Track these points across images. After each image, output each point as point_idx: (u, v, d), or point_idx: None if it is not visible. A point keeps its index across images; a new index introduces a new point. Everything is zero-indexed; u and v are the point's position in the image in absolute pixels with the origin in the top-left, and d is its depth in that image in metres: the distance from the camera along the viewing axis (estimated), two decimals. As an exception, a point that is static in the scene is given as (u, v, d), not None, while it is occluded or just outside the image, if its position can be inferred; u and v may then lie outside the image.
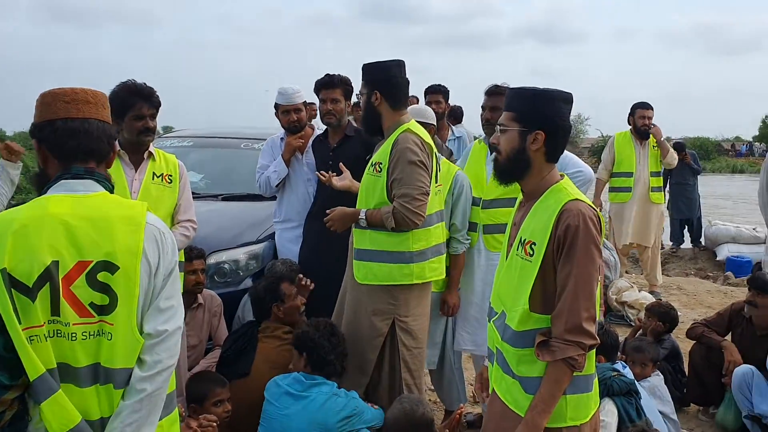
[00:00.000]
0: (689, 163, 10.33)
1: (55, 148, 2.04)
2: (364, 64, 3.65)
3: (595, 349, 2.36)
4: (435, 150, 3.65)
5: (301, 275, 4.16)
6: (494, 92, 4.11)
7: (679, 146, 10.77)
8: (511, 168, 2.42)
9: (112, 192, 2.11)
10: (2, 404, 1.85)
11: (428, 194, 3.51)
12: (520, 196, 2.53)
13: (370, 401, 3.53)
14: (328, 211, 3.71)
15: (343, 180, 3.88)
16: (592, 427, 2.42)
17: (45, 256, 1.90)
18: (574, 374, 2.29)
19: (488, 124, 4.11)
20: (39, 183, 2.06)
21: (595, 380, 2.45)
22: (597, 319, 2.30)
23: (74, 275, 1.92)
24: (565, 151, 4.02)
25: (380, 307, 3.55)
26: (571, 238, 2.25)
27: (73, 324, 1.93)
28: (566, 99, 2.39)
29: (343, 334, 3.55)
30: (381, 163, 3.51)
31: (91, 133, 2.06)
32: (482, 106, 4.21)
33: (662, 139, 7.44)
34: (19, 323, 1.86)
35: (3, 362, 1.87)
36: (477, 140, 4.58)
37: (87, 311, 1.94)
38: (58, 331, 1.92)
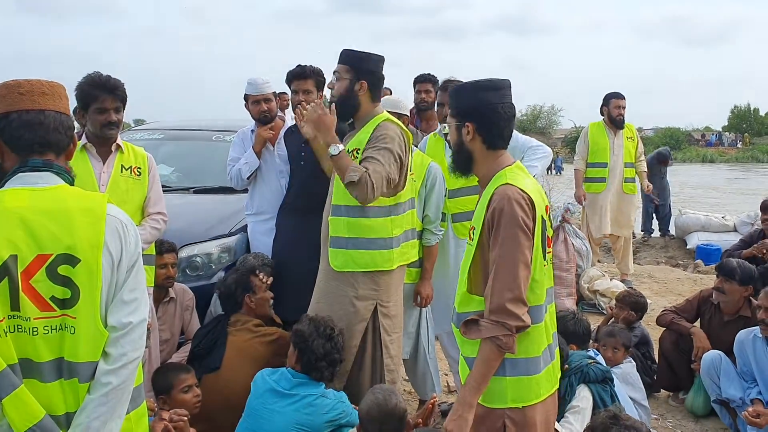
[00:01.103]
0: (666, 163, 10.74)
1: (11, 140, 2.00)
2: (349, 50, 3.58)
3: (528, 331, 2.36)
4: (410, 140, 3.65)
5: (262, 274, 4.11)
6: (443, 88, 4.34)
7: (663, 158, 11.09)
8: (458, 160, 2.56)
9: (72, 184, 2.07)
10: None
11: (391, 185, 3.45)
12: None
13: (352, 389, 3.51)
14: (310, 107, 3.53)
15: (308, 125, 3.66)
16: (542, 412, 2.44)
17: (2, 251, 1.86)
18: (515, 356, 2.33)
19: (444, 119, 4.24)
20: None
21: (553, 364, 2.48)
22: (525, 300, 2.31)
23: (33, 269, 1.89)
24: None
25: (363, 292, 3.52)
26: (497, 220, 2.31)
27: (34, 318, 1.90)
28: (492, 86, 2.45)
29: (342, 344, 3.41)
30: (358, 149, 3.48)
31: (47, 125, 2.03)
32: (439, 103, 4.30)
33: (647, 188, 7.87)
34: None
35: None
36: (432, 134, 4.74)
37: (48, 305, 1.91)
38: (19, 326, 1.89)
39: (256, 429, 3.26)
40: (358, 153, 3.48)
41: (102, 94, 3.54)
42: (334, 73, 3.60)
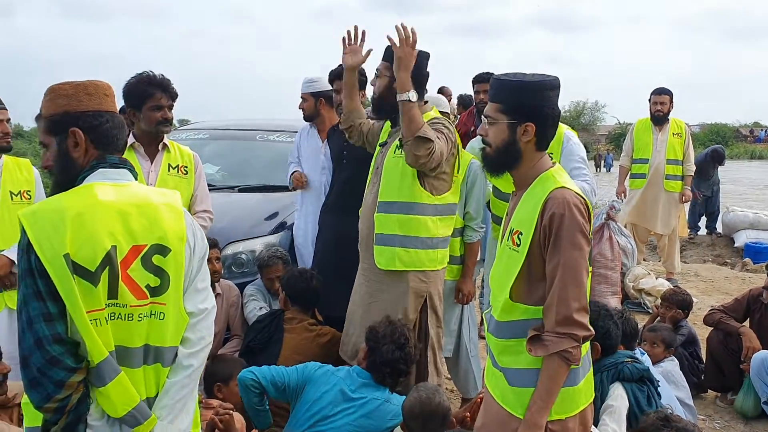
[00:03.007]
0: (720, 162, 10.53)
1: (101, 138, 2.09)
2: (388, 47, 3.50)
3: (588, 342, 2.32)
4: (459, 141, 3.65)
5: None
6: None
7: (719, 156, 10.82)
8: (501, 160, 2.38)
9: (136, 180, 2.18)
10: (69, 387, 1.91)
11: (443, 157, 3.40)
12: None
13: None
14: (401, 40, 3.28)
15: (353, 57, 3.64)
16: (581, 422, 2.37)
17: (105, 242, 1.96)
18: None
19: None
20: (67, 169, 2.08)
21: (588, 374, 2.40)
22: (588, 309, 2.24)
23: (130, 259, 2.01)
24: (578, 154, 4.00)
25: (415, 285, 3.51)
26: (556, 227, 2.20)
27: (131, 306, 2.01)
28: (552, 86, 2.32)
29: (416, 356, 3.34)
30: None
31: (122, 126, 2.17)
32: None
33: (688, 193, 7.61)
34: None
35: (67, 346, 1.93)
36: None
37: (143, 293, 2.03)
38: (118, 314, 2.00)
39: (315, 426, 3.19)
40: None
41: (156, 92, 3.64)
42: (376, 70, 3.58)
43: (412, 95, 3.29)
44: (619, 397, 3.39)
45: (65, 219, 1.93)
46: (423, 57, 3.52)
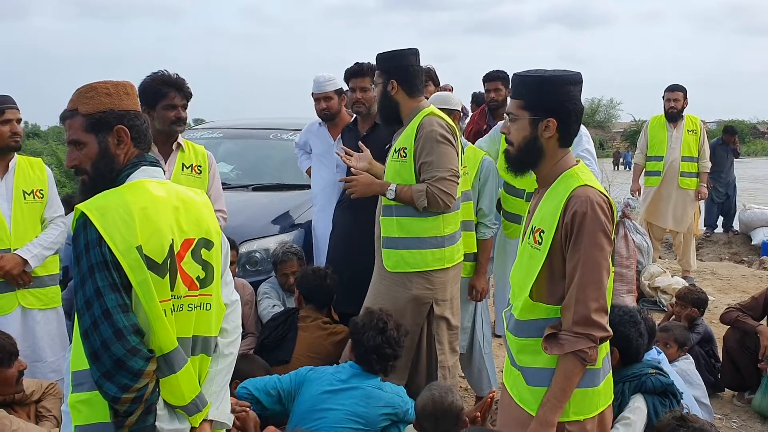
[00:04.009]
0: (735, 147, 10.23)
1: (141, 137, 2.15)
2: (378, 54, 3.62)
3: (607, 345, 2.30)
4: (459, 134, 3.64)
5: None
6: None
7: (731, 131, 10.66)
8: (523, 158, 2.34)
9: None
10: (147, 376, 1.95)
11: (458, 175, 3.50)
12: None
13: (409, 386, 3.52)
14: (354, 171, 3.64)
15: (362, 161, 3.76)
16: (600, 424, 2.34)
17: (168, 235, 2.04)
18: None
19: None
20: (107, 167, 2.11)
21: (608, 376, 2.38)
22: (607, 309, 2.22)
23: (183, 252, 2.09)
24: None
25: (418, 293, 3.52)
26: (578, 225, 2.16)
27: (184, 296, 2.08)
28: (575, 81, 2.27)
29: (402, 338, 3.37)
30: (405, 149, 3.49)
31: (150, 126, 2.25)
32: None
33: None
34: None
35: (141, 337, 1.97)
36: None
37: (195, 284, 2.11)
38: (177, 305, 2.06)
39: (311, 420, 3.24)
40: (405, 152, 3.48)
41: (170, 91, 3.66)
42: (372, 83, 3.63)
43: (390, 191, 3.46)
44: (637, 410, 3.28)
45: (132, 213, 1.97)
46: (407, 54, 3.57)
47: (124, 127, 2.10)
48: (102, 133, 2.09)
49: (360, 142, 3.94)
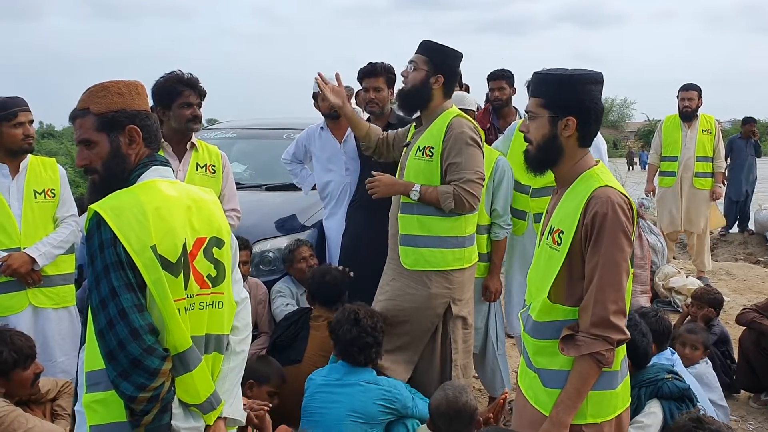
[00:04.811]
0: (757, 140, 10.11)
1: (152, 137, 2.16)
2: (431, 42, 3.54)
3: (624, 347, 2.28)
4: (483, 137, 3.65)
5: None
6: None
7: (750, 119, 10.49)
8: (543, 157, 2.33)
9: None
10: (163, 375, 1.96)
11: (484, 178, 3.51)
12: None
13: (421, 384, 3.53)
14: (375, 174, 3.61)
15: (337, 97, 3.79)
16: (617, 427, 2.32)
17: (181, 235, 2.04)
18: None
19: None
20: (119, 166, 2.11)
21: (626, 379, 2.36)
22: (627, 311, 2.21)
23: (195, 251, 2.09)
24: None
25: (436, 291, 3.51)
26: (598, 226, 2.15)
27: (196, 295, 2.08)
28: (595, 79, 2.27)
29: (379, 324, 3.43)
30: (432, 148, 3.47)
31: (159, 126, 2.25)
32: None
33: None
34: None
35: (157, 336, 1.98)
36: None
37: (206, 283, 2.12)
38: (191, 304, 2.06)
39: (315, 422, 3.29)
40: (432, 151, 3.47)
41: (185, 90, 3.68)
42: (410, 62, 3.54)
43: (414, 192, 3.44)
44: (652, 415, 3.26)
45: (146, 213, 1.98)
46: (457, 56, 3.58)
47: (136, 127, 2.10)
48: (114, 133, 2.09)
49: (336, 74, 3.91)
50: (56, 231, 3.86)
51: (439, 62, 3.50)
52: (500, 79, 5.88)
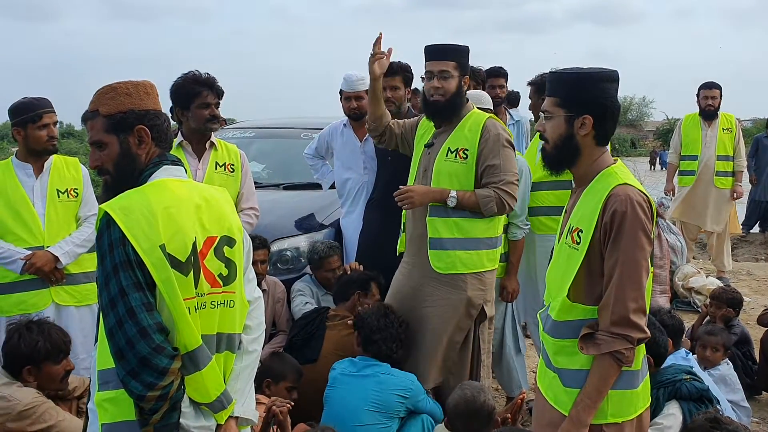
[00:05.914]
0: None
1: (162, 137, 2.16)
2: (456, 46, 3.52)
3: (644, 346, 2.26)
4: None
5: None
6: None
7: None
8: (560, 156, 2.32)
9: None
10: (172, 374, 1.97)
11: (519, 179, 3.54)
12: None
13: (450, 386, 3.52)
14: (403, 188, 3.47)
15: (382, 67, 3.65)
16: (638, 427, 2.31)
17: (191, 234, 2.04)
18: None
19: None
20: (129, 167, 2.13)
21: (646, 378, 2.34)
22: (647, 309, 2.19)
23: (206, 250, 2.09)
24: None
25: (474, 294, 3.49)
26: (618, 224, 2.14)
27: (207, 294, 2.08)
28: (611, 78, 2.26)
29: (405, 321, 3.48)
30: (467, 150, 3.44)
31: (171, 125, 2.26)
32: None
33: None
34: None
35: (166, 335, 1.99)
36: None
37: (217, 282, 2.12)
38: (201, 303, 2.07)
39: (335, 413, 3.34)
40: (467, 153, 3.44)
41: (203, 90, 3.71)
42: (441, 71, 3.44)
43: (451, 199, 3.38)
44: (671, 417, 3.25)
45: (155, 212, 1.98)
46: (468, 52, 3.58)
47: (144, 127, 2.11)
48: (123, 134, 2.10)
49: (389, 48, 3.73)
50: (79, 230, 3.90)
51: (464, 64, 3.51)
52: (498, 76, 5.89)
